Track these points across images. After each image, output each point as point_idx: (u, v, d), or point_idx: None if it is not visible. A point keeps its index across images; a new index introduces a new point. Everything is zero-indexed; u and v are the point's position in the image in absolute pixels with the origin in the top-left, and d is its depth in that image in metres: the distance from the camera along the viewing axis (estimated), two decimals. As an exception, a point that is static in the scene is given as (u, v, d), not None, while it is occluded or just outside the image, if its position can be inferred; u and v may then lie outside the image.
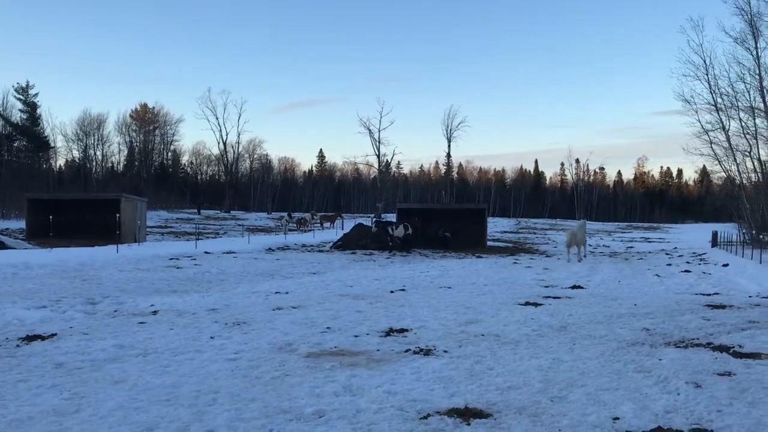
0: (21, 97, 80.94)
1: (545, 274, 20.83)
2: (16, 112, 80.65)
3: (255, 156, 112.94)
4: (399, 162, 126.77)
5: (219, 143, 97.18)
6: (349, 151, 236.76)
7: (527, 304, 12.62)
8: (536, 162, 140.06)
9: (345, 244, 32.08)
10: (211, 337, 8.86)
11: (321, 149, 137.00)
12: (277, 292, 14.50)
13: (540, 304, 12.55)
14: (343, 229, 45.38)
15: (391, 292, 14.87)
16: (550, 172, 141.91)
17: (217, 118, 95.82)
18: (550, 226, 76.98)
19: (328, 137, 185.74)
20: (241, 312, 11.33)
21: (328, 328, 9.69)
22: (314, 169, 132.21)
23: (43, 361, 7.48)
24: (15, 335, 9.11)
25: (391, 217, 47.58)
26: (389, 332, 9.38)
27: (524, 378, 6.69)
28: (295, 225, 53.25)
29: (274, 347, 8.23)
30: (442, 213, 39.30)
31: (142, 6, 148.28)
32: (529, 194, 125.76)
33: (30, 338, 8.90)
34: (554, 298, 13.77)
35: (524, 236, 54.77)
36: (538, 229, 70.56)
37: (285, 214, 64.70)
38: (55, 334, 9.12)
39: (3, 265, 16.47)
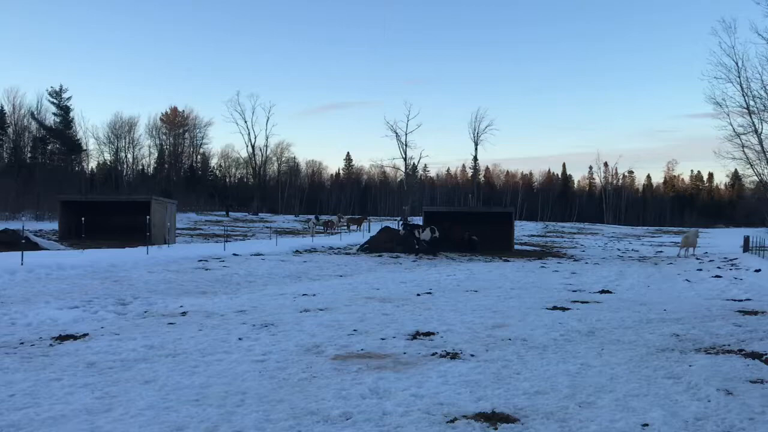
0: (55, 101, 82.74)
1: (573, 278, 20.65)
2: (50, 116, 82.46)
3: (283, 159, 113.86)
4: (426, 165, 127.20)
5: (247, 146, 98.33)
6: (376, 154, 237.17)
7: (555, 308, 12.53)
8: (564, 165, 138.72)
9: (372, 247, 32.12)
10: (240, 339, 8.95)
11: (348, 152, 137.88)
12: (304, 294, 14.58)
13: (568, 309, 12.45)
14: (369, 232, 45.44)
15: (418, 295, 14.86)
16: (578, 176, 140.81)
17: (245, 122, 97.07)
18: (577, 230, 76.30)
19: (356, 140, 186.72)
20: (269, 314, 11.41)
21: (354, 330, 9.72)
22: (341, 172, 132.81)
23: (75, 360, 7.62)
24: (48, 335, 9.30)
25: (418, 221, 47.55)
26: (416, 335, 9.38)
27: (552, 383, 6.65)
28: (322, 227, 53.43)
29: (302, 349, 8.28)
30: (469, 216, 39.15)
31: (173, 11, 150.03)
32: (557, 198, 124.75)
33: (63, 338, 9.07)
34: (582, 302, 13.65)
35: (552, 240, 54.36)
36: (565, 232, 69.97)
37: (312, 216, 64.99)
38: (87, 334, 9.28)
39: (37, 266, 16.77)
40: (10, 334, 9.41)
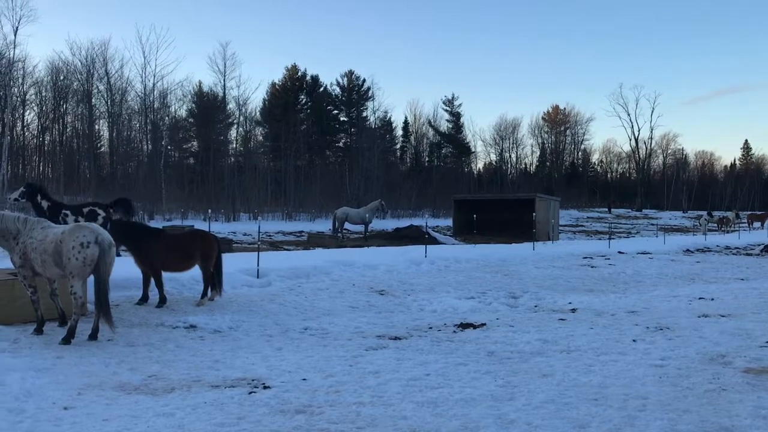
0: (448, 108, 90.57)
1: None
2: (444, 123, 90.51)
3: (669, 151, 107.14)
4: None
5: (630, 140, 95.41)
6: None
7: None
8: None
9: (780, 247, 28.19)
10: (634, 340, 8.63)
11: (746, 140, 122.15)
12: (701, 298, 13.46)
13: None
14: (776, 230, 39.97)
15: None
16: None
17: (628, 114, 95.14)
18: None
19: (756, 127, 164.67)
20: (662, 316, 10.79)
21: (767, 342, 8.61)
22: (738, 162, 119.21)
23: (476, 348, 8.21)
24: (451, 322, 10.21)
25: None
26: None
27: None
28: (715, 225, 48.79)
29: (705, 358, 7.62)
30: None
31: (546, 13, 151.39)
32: None
33: (464, 326, 9.86)
34: None
35: None
36: None
37: (704, 213, 59.79)
38: (485, 324, 9.93)
39: (437, 258, 18.56)
40: (420, 319, 10.60)
